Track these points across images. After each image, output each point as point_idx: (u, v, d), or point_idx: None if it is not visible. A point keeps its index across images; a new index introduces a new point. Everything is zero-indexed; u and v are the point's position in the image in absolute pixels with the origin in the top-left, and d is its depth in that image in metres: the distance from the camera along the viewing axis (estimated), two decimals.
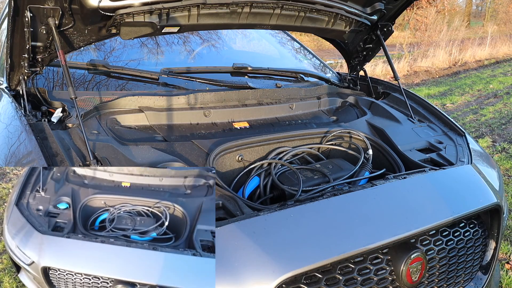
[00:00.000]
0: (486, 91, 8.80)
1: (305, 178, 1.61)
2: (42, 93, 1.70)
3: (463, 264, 1.60)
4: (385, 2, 2.11)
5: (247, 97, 2.02)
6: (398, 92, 2.35)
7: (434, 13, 13.71)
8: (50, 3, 1.44)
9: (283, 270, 1.13)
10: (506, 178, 4.17)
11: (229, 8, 1.77)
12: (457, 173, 1.70)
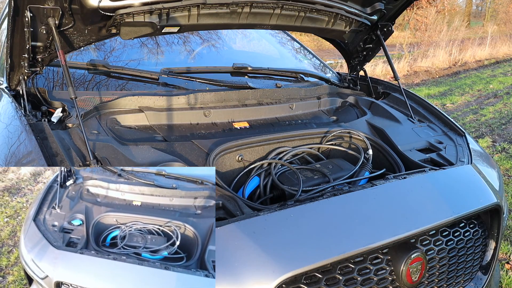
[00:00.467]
0: (486, 91, 8.80)
1: (305, 178, 1.61)
2: (42, 93, 1.70)
3: (463, 264, 1.60)
4: (385, 2, 2.11)
5: (247, 97, 2.02)
6: (398, 92, 2.35)
7: (434, 13, 13.71)
8: (50, 3, 1.44)
9: (283, 270, 1.13)
10: (506, 178, 4.17)
11: (229, 8, 1.77)
12: (457, 173, 1.70)
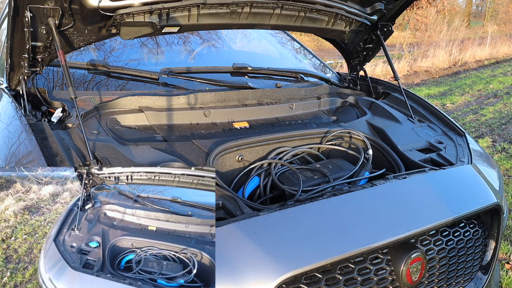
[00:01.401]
0: (486, 91, 8.80)
1: (305, 178, 1.61)
2: (42, 93, 1.70)
3: (463, 264, 1.60)
4: (385, 2, 2.11)
5: (247, 97, 2.02)
6: (398, 92, 2.35)
7: (434, 13, 13.71)
8: (50, 3, 1.44)
9: (283, 270, 1.13)
10: (506, 178, 4.17)
11: (229, 8, 1.77)
12: (457, 173, 1.70)
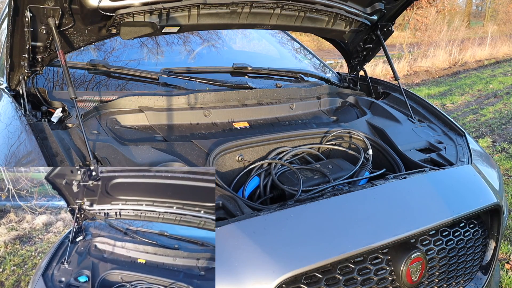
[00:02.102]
0: (486, 91, 8.80)
1: (305, 178, 1.61)
2: (42, 93, 1.70)
3: (463, 264, 1.60)
4: (385, 2, 2.11)
5: (247, 97, 2.02)
6: (398, 92, 2.35)
7: (434, 13, 13.71)
8: (50, 3, 1.44)
9: (283, 270, 1.13)
10: (506, 178, 4.17)
11: (229, 8, 1.77)
12: (457, 173, 1.70)
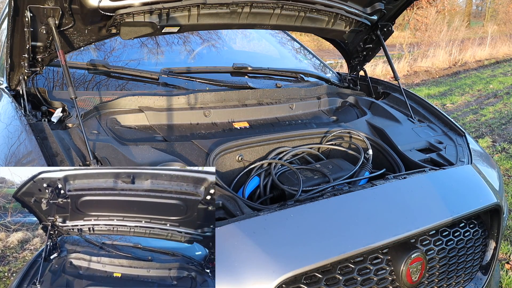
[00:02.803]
0: (486, 91, 8.80)
1: (305, 178, 1.61)
2: (42, 93, 1.70)
3: (463, 264, 1.60)
4: (385, 2, 2.11)
5: (247, 97, 2.02)
6: (398, 92, 2.35)
7: (434, 13, 13.71)
8: (50, 3, 1.44)
9: (283, 270, 1.13)
10: (506, 178, 4.17)
11: (229, 8, 1.77)
12: (457, 173, 1.71)
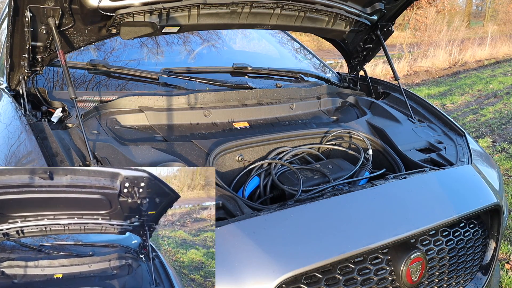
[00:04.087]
0: (486, 91, 8.80)
1: (305, 178, 1.61)
2: (42, 93, 1.70)
3: (463, 264, 1.60)
4: (385, 2, 2.11)
5: (247, 97, 2.02)
6: (398, 92, 2.36)
7: (434, 13, 13.72)
8: (50, 3, 1.44)
9: (283, 270, 1.13)
10: (506, 178, 4.17)
11: (229, 8, 1.77)
12: (457, 173, 1.71)
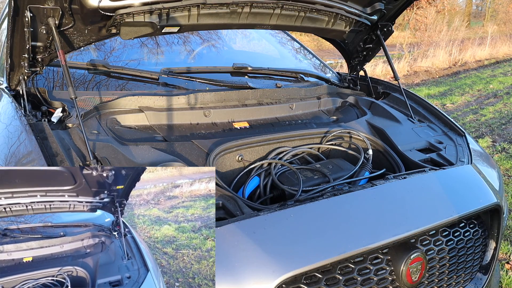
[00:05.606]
0: (486, 91, 8.80)
1: (305, 178, 1.61)
2: (42, 93, 1.70)
3: (463, 264, 1.60)
4: (385, 2, 2.11)
5: (247, 97, 2.02)
6: (398, 92, 2.36)
7: (434, 13, 13.72)
8: (50, 3, 1.44)
9: (283, 270, 1.13)
10: (506, 178, 4.17)
11: (229, 8, 1.77)
12: (457, 173, 1.70)
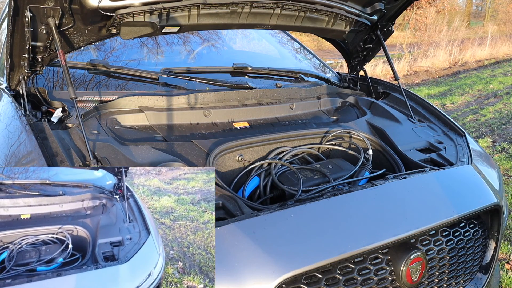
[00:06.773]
0: (486, 91, 8.80)
1: (305, 178, 1.61)
2: (42, 93, 1.70)
3: (463, 264, 1.60)
4: (385, 2, 2.11)
5: (247, 97, 2.02)
6: (398, 92, 2.36)
7: (434, 13, 13.72)
8: (50, 3, 1.44)
9: (283, 270, 1.13)
10: (506, 178, 4.17)
11: (229, 8, 1.77)
12: (457, 173, 1.70)
